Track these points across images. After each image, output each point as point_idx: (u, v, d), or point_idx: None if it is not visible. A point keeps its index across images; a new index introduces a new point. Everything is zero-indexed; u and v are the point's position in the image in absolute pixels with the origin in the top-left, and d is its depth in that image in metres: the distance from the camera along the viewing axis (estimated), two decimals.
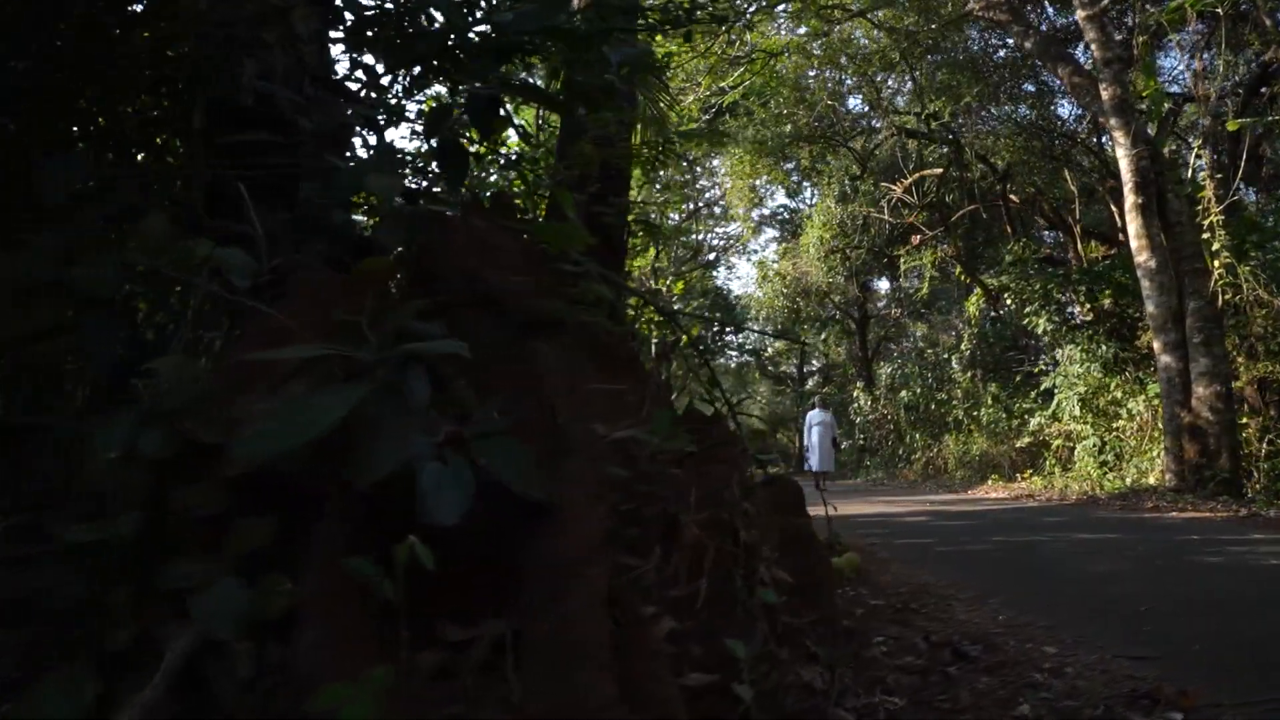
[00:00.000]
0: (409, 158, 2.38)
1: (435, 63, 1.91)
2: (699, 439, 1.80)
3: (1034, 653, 2.98)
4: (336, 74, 2.73)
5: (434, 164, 1.81)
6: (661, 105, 7.77)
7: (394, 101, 2.90)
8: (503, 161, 5.60)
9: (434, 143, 1.87)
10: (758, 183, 22.13)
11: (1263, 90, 13.16)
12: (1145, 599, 3.88)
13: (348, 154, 2.40)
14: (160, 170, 2.20)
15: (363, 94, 2.79)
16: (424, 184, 2.26)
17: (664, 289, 18.55)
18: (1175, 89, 14.75)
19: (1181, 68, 15.36)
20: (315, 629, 1.30)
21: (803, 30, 16.56)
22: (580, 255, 2.23)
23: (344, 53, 3.07)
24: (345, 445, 1.17)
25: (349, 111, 2.15)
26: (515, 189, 5.00)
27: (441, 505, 1.12)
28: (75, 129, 2.58)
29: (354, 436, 1.17)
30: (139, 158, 2.31)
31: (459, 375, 1.72)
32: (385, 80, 2.96)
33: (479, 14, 2.08)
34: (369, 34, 2.24)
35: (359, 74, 2.85)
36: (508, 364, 1.52)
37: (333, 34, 3.14)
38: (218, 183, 2.19)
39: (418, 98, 3.31)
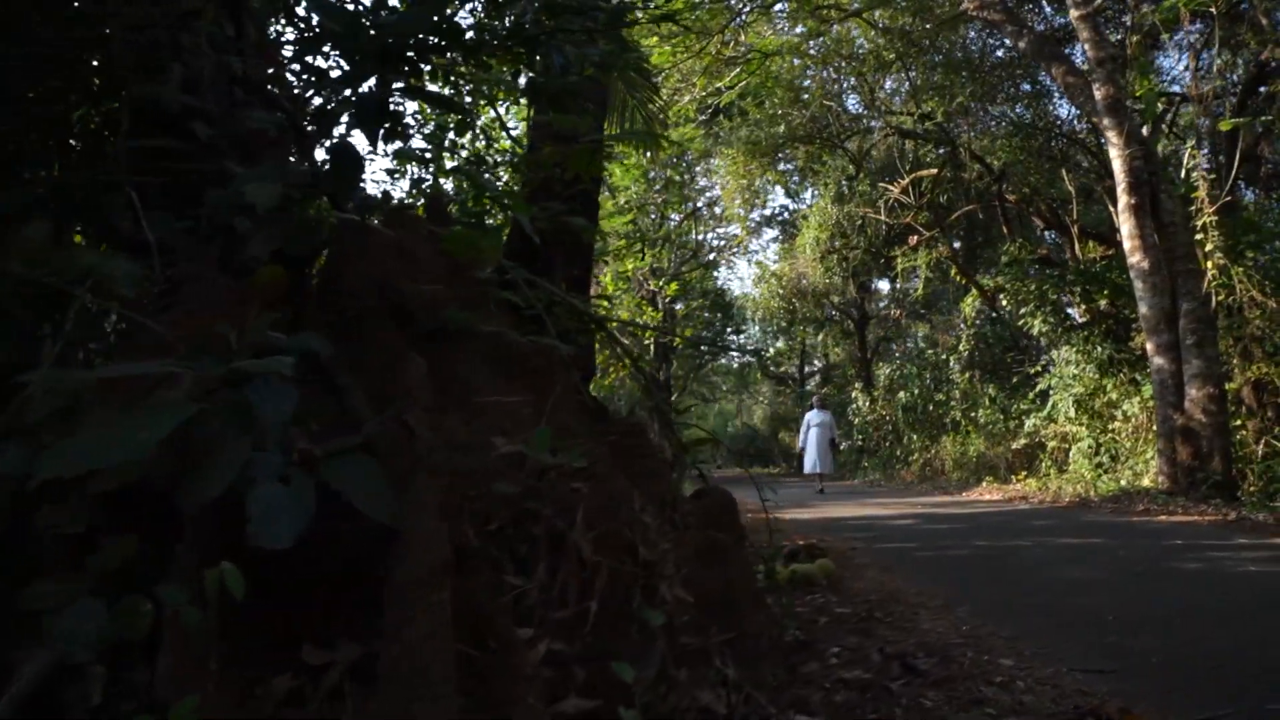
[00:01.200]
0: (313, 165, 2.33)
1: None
2: (609, 450, 1.75)
3: (989, 665, 2.93)
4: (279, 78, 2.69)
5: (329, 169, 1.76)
6: (650, 106, 7.72)
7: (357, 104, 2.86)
8: (484, 164, 5.55)
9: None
10: (758, 183, 22.06)
11: (1261, 89, 13.05)
12: (1114, 608, 3.81)
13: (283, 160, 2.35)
14: (66, 175, 2.17)
15: (308, 97, 2.76)
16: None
17: (658, 289, 18.50)
18: (1176, 89, 14.64)
19: (1181, 68, 15.26)
20: (173, 652, 1.26)
21: (800, 30, 16.49)
22: (509, 262, 2.18)
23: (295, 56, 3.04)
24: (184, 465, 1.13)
25: (276, 116, 2.11)
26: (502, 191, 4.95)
27: (271, 528, 1.08)
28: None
29: (191, 456, 1.13)
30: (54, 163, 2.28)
31: (356, 387, 1.67)
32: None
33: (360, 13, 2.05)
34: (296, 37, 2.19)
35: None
36: (397, 376, 1.48)
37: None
38: (137, 189, 2.16)
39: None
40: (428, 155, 3.63)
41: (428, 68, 3.59)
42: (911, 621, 3.74)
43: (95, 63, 2.42)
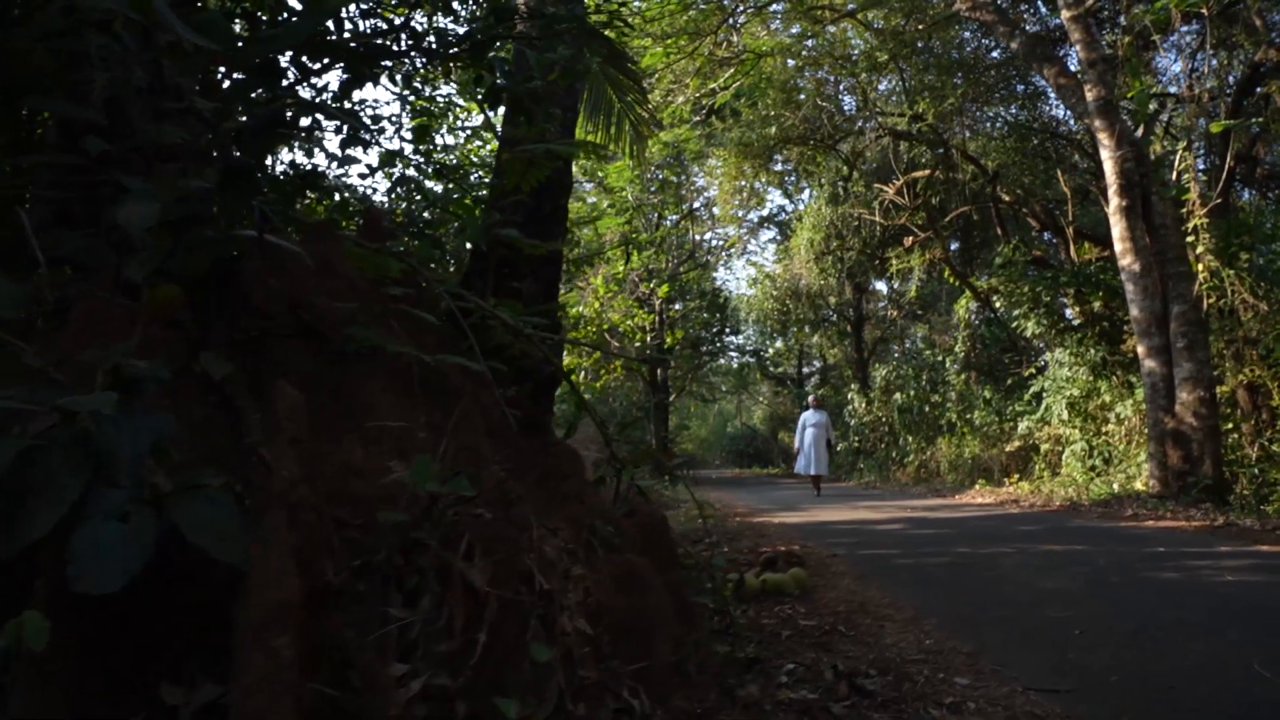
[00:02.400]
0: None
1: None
2: (522, 471, 1.70)
3: (942, 685, 2.87)
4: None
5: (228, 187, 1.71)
6: (639, 110, 7.67)
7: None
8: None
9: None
10: (757, 185, 21.98)
11: (1258, 89, 12.95)
12: (1082, 621, 3.75)
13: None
14: None
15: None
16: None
17: (649, 290, 18.43)
18: (1174, 90, 14.54)
19: (1177, 69, 15.17)
20: (23, 691, 1.21)
21: (795, 30, 16.42)
22: (439, 275, 2.12)
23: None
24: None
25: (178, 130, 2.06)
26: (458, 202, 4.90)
27: (96, 571, 1.03)
28: None
29: (26, 494, 1.08)
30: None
31: (255, 411, 1.62)
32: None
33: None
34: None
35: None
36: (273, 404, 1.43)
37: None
38: (61, 204, 2.11)
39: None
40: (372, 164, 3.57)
41: (383, 74, 3.53)
42: (875, 635, 3.69)
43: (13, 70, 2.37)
